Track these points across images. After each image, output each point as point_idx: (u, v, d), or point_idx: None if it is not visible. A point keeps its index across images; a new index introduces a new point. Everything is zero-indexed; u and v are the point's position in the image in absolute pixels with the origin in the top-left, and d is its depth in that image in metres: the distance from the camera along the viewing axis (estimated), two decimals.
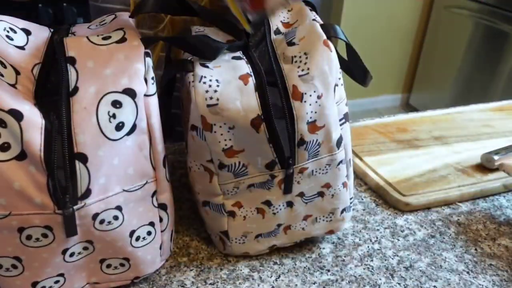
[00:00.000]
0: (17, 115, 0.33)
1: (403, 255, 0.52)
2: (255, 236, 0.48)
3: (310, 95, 0.41)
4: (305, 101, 0.41)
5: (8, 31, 0.37)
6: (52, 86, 0.37)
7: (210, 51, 0.42)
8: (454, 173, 0.66)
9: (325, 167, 0.45)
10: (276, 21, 0.46)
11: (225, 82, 0.40)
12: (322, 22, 0.45)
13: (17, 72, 0.36)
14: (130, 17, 0.43)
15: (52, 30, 0.41)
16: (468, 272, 0.50)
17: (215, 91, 0.39)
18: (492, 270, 0.51)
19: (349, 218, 0.52)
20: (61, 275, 0.41)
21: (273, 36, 0.45)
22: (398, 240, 0.55)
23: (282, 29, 0.46)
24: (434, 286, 0.48)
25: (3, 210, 0.35)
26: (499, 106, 0.90)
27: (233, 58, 0.43)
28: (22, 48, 0.38)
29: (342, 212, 0.50)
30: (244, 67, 0.42)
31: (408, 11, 2.61)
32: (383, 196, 0.62)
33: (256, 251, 0.50)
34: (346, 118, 0.46)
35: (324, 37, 0.42)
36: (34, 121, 0.34)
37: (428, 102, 2.72)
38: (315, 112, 0.42)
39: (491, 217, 0.60)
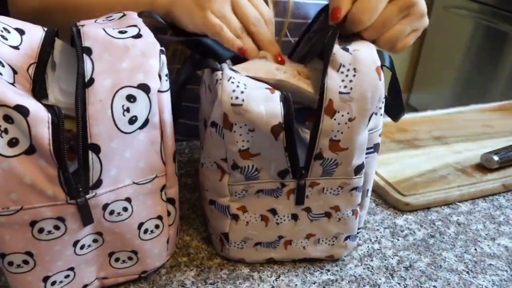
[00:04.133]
0: (23, 111, 0.33)
1: (403, 255, 0.53)
2: (255, 244, 0.48)
3: (342, 115, 0.40)
4: (335, 119, 0.40)
5: (2, 31, 0.37)
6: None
7: (220, 60, 0.43)
8: (454, 173, 0.66)
9: (337, 188, 0.45)
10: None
11: (252, 87, 0.40)
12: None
13: (14, 72, 0.36)
14: (138, 16, 0.44)
15: (45, 29, 0.41)
16: (467, 272, 0.50)
17: (242, 92, 0.39)
18: (491, 270, 0.51)
19: (353, 247, 0.51)
20: (71, 269, 0.42)
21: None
22: (398, 240, 0.55)
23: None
24: (434, 286, 0.48)
25: (14, 205, 0.35)
26: (499, 106, 0.90)
27: None
28: (16, 48, 0.38)
29: (346, 239, 0.49)
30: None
31: None
32: (383, 196, 0.62)
33: (252, 259, 0.50)
34: (376, 148, 0.45)
35: (379, 64, 0.41)
36: (40, 115, 0.34)
37: (428, 102, 2.72)
38: (342, 133, 0.41)
39: (491, 217, 0.60)
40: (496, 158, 0.66)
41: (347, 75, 0.40)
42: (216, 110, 0.41)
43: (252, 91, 0.40)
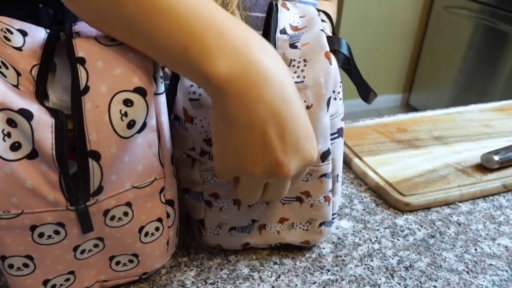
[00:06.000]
0: (27, 115, 0.33)
1: (403, 255, 0.53)
2: (229, 229, 0.49)
3: None
4: None
5: (5, 32, 0.37)
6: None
7: None
8: (454, 173, 0.66)
9: (306, 175, 0.45)
10: (285, 22, 0.46)
11: None
12: (330, 34, 0.44)
13: (18, 73, 0.36)
14: None
15: (48, 31, 0.41)
16: (468, 272, 0.50)
17: (199, 87, 0.41)
18: (492, 270, 0.51)
19: (328, 233, 0.51)
20: (72, 272, 0.42)
21: (278, 34, 0.45)
22: (398, 240, 0.55)
23: (289, 30, 0.45)
24: (434, 286, 0.48)
25: (15, 209, 0.35)
26: (499, 106, 0.90)
27: None
28: (19, 49, 0.38)
29: (320, 225, 0.49)
30: None
31: (408, 11, 2.61)
32: (383, 196, 0.62)
33: (229, 245, 0.51)
34: (340, 133, 0.46)
35: (327, 49, 0.41)
36: (44, 120, 0.34)
37: (428, 102, 2.72)
38: None
39: (491, 217, 0.60)
40: (496, 158, 0.66)
41: (298, 67, 0.41)
42: (177, 104, 0.43)
43: None
